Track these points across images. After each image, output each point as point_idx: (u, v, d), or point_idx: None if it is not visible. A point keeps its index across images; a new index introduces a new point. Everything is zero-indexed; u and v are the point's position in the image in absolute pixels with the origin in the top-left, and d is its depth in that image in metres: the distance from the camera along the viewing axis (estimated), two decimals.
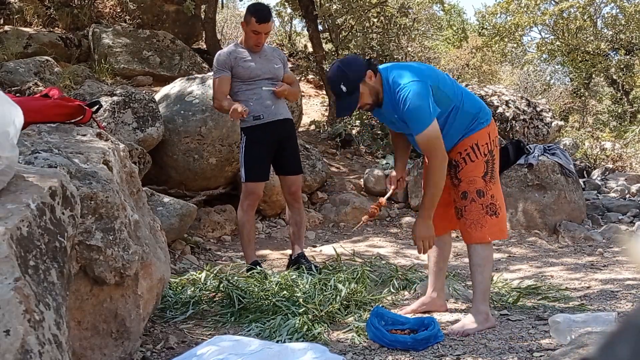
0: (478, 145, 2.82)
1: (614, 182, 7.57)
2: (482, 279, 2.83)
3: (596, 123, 14.03)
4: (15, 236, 1.53)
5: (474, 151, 2.81)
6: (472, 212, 2.82)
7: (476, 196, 2.81)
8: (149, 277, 2.45)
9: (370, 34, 7.97)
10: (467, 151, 2.82)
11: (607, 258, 4.59)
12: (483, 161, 2.82)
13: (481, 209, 2.81)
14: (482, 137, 2.83)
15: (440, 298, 3.12)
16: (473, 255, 2.85)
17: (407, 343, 2.57)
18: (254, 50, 3.84)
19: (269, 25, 3.79)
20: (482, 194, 2.81)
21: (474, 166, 2.82)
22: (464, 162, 2.82)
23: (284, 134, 3.89)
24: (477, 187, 2.81)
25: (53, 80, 5.61)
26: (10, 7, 7.82)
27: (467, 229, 2.85)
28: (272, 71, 3.85)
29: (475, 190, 2.81)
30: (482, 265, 2.83)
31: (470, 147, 2.81)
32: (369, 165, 6.89)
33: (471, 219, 2.82)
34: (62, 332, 1.62)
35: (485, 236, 2.82)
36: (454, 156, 2.83)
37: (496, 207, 2.83)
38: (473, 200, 2.81)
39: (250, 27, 3.76)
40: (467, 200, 2.82)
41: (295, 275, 3.48)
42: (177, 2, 8.06)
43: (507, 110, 7.84)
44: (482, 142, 2.82)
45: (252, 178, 3.81)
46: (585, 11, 14.89)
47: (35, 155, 2.15)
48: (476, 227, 2.82)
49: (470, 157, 2.82)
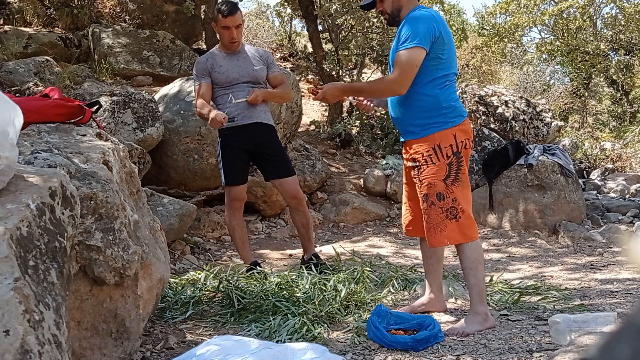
0: (440, 147, 2.78)
1: (613, 183, 7.57)
2: (476, 281, 2.82)
3: (596, 123, 14.04)
4: (15, 236, 1.53)
5: (435, 153, 2.78)
6: (432, 215, 2.79)
7: (436, 199, 2.78)
8: (149, 277, 2.45)
9: (370, 34, 7.97)
10: (429, 152, 2.79)
11: (606, 258, 4.59)
12: (445, 164, 2.78)
13: (441, 212, 2.78)
14: (445, 138, 2.78)
15: (438, 298, 3.12)
16: (462, 260, 2.84)
17: (407, 343, 2.57)
18: (231, 48, 3.82)
19: (236, 17, 3.76)
20: (442, 197, 2.78)
21: (435, 169, 2.78)
22: (425, 163, 2.80)
23: (262, 139, 3.83)
24: (437, 190, 2.78)
25: (53, 80, 5.60)
26: (10, 7, 7.82)
27: (427, 233, 2.84)
28: (250, 74, 3.81)
29: (435, 194, 2.78)
30: (473, 268, 2.82)
31: (432, 148, 2.78)
32: (369, 165, 6.89)
33: (431, 223, 2.80)
34: (62, 332, 1.62)
35: (444, 240, 2.80)
36: (417, 156, 2.82)
37: (457, 210, 2.77)
38: (433, 204, 2.79)
39: (219, 25, 3.77)
40: (427, 203, 2.81)
41: (295, 275, 3.48)
42: (177, 2, 8.06)
43: (507, 111, 7.84)
44: (445, 144, 2.78)
45: (233, 181, 3.81)
46: (585, 11, 14.89)
47: (35, 155, 2.15)
48: (435, 231, 2.80)
49: (431, 159, 2.79)
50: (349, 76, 8.50)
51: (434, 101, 2.79)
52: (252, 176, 4.88)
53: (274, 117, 5.21)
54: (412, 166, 2.88)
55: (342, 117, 7.74)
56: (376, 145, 7.35)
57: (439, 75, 2.79)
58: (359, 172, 6.76)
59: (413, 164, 2.86)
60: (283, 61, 10.29)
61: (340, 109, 7.97)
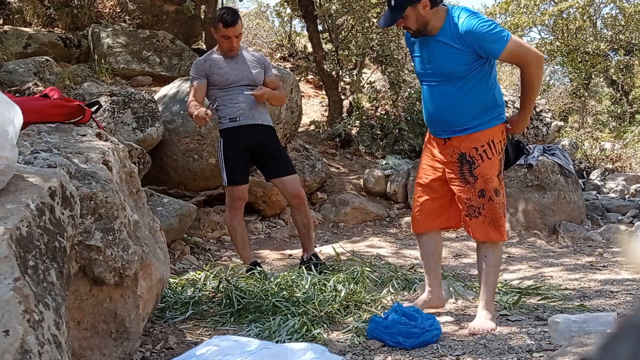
0: (494, 142, 2.79)
1: (613, 183, 7.57)
2: (495, 280, 2.90)
3: (596, 123, 14.04)
4: (15, 236, 1.53)
5: (490, 148, 2.78)
6: (491, 210, 2.81)
7: (494, 195, 2.80)
8: (149, 277, 2.45)
9: (370, 34, 7.96)
10: (484, 147, 2.78)
11: (606, 258, 4.59)
12: (498, 159, 2.81)
13: (499, 207, 2.81)
14: (497, 133, 2.81)
15: (438, 295, 3.13)
16: (489, 256, 2.86)
17: (406, 343, 2.57)
18: (229, 55, 3.85)
19: (237, 28, 3.79)
20: (498, 193, 2.81)
21: (491, 164, 2.79)
22: (480, 159, 2.79)
23: (263, 140, 3.86)
24: (494, 186, 2.80)
25: (53, 80, 5.60)
26: (10, 7, 7.81)
27: (484, 228, 2.83)
28: (249, 77, 3.84)
29: (493, 189, 2.80)
30: (497, 266, 2.89)
31: (487, 143, 2.78)
32: (369, 165, 6.89)
33: (490, 218, 2.81)
34: (62, 332, 1.62)
35: (503, 235, 2.85)
36: (470, 151, 2.80)
37: (505, 206, 2.89)
38: (491, 199, 2.80)
39: (220, 33, 3.80)
40: (484, 198, 2.80)
41: (295, 276, 3.48)
42: (177, 2, 8.05)
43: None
44: (497, 139, 2.81)
45: (235, 181, 3.82)
46: (585, 11, 14.88)
47: (35, 155, 2.15)
48: (495, 226, 2.82)
49: (487, 154, 2.78)
50: (349, 76, 8.49)
51: (491, 98, 2.81)
52: (252, 176, 4.88)
53: (274, 117, 5.22)
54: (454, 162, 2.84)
55: (342, 117, 7.74)
56: (376, 145, 7.35)
57: (492, 73, 2.83)
58: (359, 172, 6.75)
59: (459, 160, 2.82)
60: (283, 61, 10.29)
61: (340, 109, 7.97)
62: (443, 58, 2.76)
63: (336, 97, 7.98)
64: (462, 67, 2.72)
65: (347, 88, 8.47)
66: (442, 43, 2.74)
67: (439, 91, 2.82)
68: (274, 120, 4.71)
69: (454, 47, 2.71)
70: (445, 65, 2.76)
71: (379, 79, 8.79)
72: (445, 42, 2.73)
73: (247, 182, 3.94)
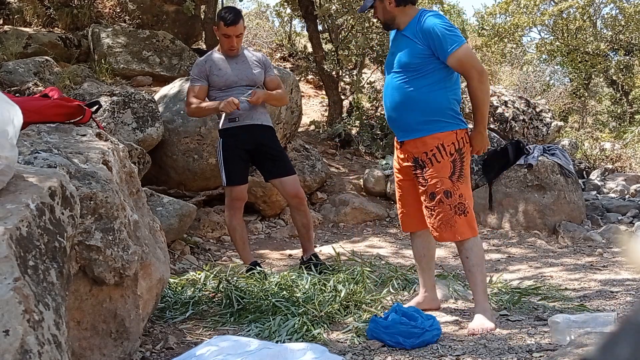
0: (444, 146, 2.86)
1: (613, 183, 7.57)
2: (482, 277, 2.90)
3: (596, 123, 14.03)
4: (15, 236, 1.53)
5: (439, 152, 2.86)
6: (441, 212, 2.86)
7: (444, 197, 2.85)
8: (149, 277, 2.45)
9: (370, 34, 7.96)
10: (433, 151, 2.86)
11: (606, 258, 4.59)
12: (449, 161, 2.86)
13: (449, 209, 2.85)
14: (448, 138, 2.87)
15: (432, 296, 3.15)
16: (469, 255, 2.89)
17: (406, 343, 2.57)
18: (230, 54, 3.86)
19: (238, 27, 3.81)
20: (449, 195, 2.85)
21: (441, 167, 2.86)
22: (430, 162, 2.87)
23: (262, 141, 3.87)
24: (445, 188, 2.85)
25: (53, 80, 5.60)
26: (10, 7, 7.81)
27: (437, 229, 2.90)
28: (249, 77, 3.85)
29: (443, 191, 2.85)
30: (479, 264, 2.90)
31: (436, 147, 2.86)
32: (369, 165, 6.89)
33: (440, 219, 2.87)
34: (62, 332, 1.62)
35: (455, 236, 2.88)
36: (421, 155, 2.88)
37: (465, 206, 2.87)
38: (441, 201, 2.86)
39: (221, 31, 3.82)
40: (434, 201, 2.87)
41: (295, 276, 3.48)
42: (177, 2, 8.05)
43: (507, 111, 7.84)
44: (448, 142, 2.87)
45: (234, 181, 3.82)
46: (585, 12, 14.89)
47: (35, 155, 2.15)
48: (446, 227, 2.87)
49: (436, 158, 2.86)
50: (349, 76, 8.49)
51: (445, 103, 2.88)
52: (252, 176, 4.88)
53: (274, 117, 5.22)
54: (411, 165, 2.93)
55: (341, 117, 7.74)
56: (376, 145, 7.35)
57: (451, 79, 2.89)
58: (359, 172, 6.75)
59: (413, 164, 2.90)
60: (283, 61, 10.29)
61: (340, 109, 7.97)
62: (401, 49, 2.91)
63: (336, 97, 7.98)
64: (416, 59, 2.84)
65: (347, 88, 8.46)
66: (404, 37, 2.90)
67: (392, 83, 2.94)
68: (273, 120, 4.71)
69: (413, 40, 2.85)
70: (402, 56, 2.90)
71: (379, 79, 8.78)
72: (407, 36, 2.89)
73: (247, 182, 3.94)
